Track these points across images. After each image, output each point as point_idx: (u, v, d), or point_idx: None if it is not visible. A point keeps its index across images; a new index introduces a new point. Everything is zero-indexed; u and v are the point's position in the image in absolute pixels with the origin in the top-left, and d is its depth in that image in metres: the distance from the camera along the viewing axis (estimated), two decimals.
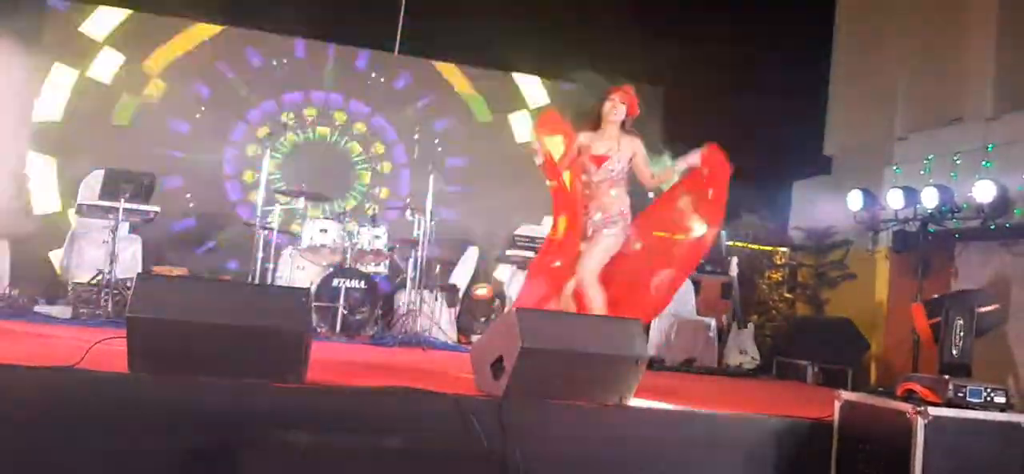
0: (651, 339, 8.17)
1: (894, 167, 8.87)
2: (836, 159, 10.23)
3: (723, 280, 9.09)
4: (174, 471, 3.27)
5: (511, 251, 9.04)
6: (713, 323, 8.49)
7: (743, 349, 8.38)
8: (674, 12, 9.98)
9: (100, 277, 6.91)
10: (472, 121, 10.79)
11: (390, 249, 8.10)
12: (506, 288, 9.01)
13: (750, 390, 6.40)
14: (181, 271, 8.36)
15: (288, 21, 9.79)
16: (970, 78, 8.49)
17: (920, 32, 9.24)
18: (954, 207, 7.74)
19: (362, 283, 7.48)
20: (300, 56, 10.35)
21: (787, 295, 10.25)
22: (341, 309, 7.32)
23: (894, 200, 8.20)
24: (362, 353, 6.12)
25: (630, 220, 5.37)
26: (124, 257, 7.30)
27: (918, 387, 3.66)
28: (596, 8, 10.07)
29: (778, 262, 10.36)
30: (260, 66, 10.15)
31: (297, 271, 7.87)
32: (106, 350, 3.68)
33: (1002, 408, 3.67)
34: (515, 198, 10.59)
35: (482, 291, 8.88)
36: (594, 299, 5.11)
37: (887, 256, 8.83)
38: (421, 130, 10.24)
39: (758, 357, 8.40)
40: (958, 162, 7.95)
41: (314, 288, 7.25)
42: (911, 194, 8.08)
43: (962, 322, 3.78)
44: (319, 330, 7.08)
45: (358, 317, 7.40)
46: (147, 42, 9.69)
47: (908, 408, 3.48)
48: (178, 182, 9.52)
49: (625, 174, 5.44)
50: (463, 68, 10.81)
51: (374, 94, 10.48)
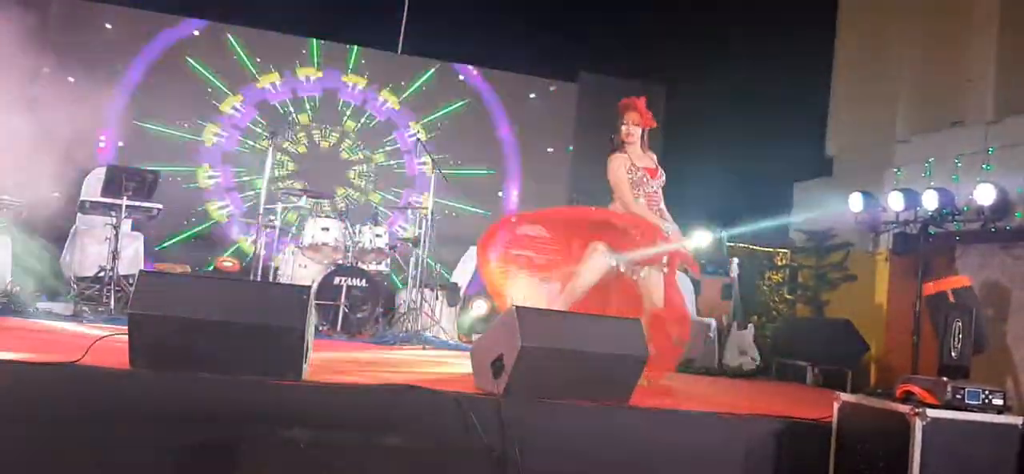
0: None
1: (895, 169, 8.88)
2: (837, 161, 10.24)
3: (724, 281, 9.10)
4: (175, 467, 3.29)
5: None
6: (713, 324, 8.49)
7: (743, 350, 8.39)
8: (676, 13, 10.00)
9: (102, 274, 6.93)
10: (473, 120, 10.80)
11: (391, 248, 8.12)
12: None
13: (750, 391, 6.41)
14: (183, 268, 8.38)
15: (293, 20, 9.82)
16: (971, 81, 8.50)
17: (922, 35, 9.25)
18: (955, 210, 7.75)
19: (363, 281, 7.50)
20: (302, 53, 10.36)
21: (787, 296, 10.26)
22: (342, 307, 7.33)
23: (895, 202, 8.20)
24: (363, 351, 6.14)
25: None
26: (126, 254, 7.32)
27: (917, 389, 3.67)
28: (598, 8, 10.09)
29: (779, 263, 10.37)
30: (263, 64, 10.18)
31: (299, 269, 7.88)
32: (108, 347, 3.69)
33: (1000, 410, 3.68)
34: (514, 198, 10.64)
35: (480, 309, 8.83)
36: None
37: (887, 258, 8.84)
38: (423, 130, 10.26)
39: (758, 358, 8.40)
40: (959, 165, 7.96)
41: (315, 286, 7.26)
42: (912, 196, 8.08)
43: (961, 324, 3.79)
44: (321, 328, 7.09)
45: (359, 315, 7.42)
46: None
47: (906, 410, 3.49)
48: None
49: None
50: (464, 67, 10.83)
51: (376, 94, 10.49)
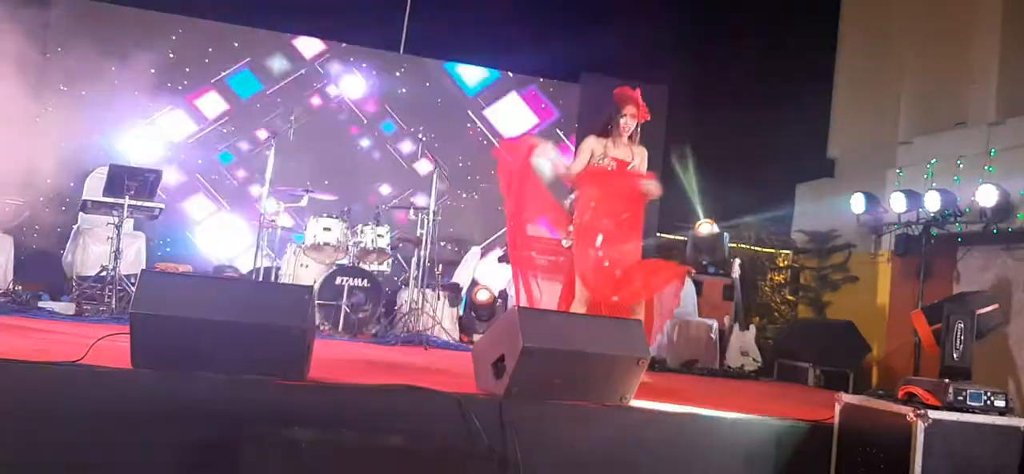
0: (655, 340, 8.17)
1: (897, 170, 8.87)
2: (839, 162, 10.24)
3: (725, 282, 9.09)
4: (176, 467, 3.29)
5: (518, 251, 9.02)
6: (715, 324, 8.49)
7: (745, 351, 8.38)
8: (678, 14, 10.00)
9: (104, 273, 6.93)
10: (473, 120, 10.80)
11: (393, 248, 8.12)
12: (508, 288, 9.01)
13: (751, 391, 6.40)
14: (185, 268, 8.39)
15: (293, 20, 9.82)
16: (973, 83, 8.49)
17: (924, 36, 9.25)
18: (957, 211, 7.74)
19: (365, 281, 7.51)
20: (304, 55, 10.36)
21: (789, 297, 10.26)
22: (344, 307, 7.34)
23: (897, 204, 8.20)
24: (364, 351, 6.14)
25: None
26: (128, 253, 7.32)
27: (919, 390, 3.66)
28: (599, 9, 10.08)
29: (780, 264, 10.37)
30: (265, 64, 10.18)
31: (301, 269, 7.89)
32: (109, 346, 3.70)
33: (1002, 411, 3.68)
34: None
35: (483, 296, 8.87)
36: None
37: (889, 259, 8.84)
38: (423, 130, 10.27)
39: (760, 359, 8.40)
40: (961, 166, 7.96)
41: (317, 286, 7.26)
42: (914, 198, 8.08)
43: (963, 326, 3.78)
44: (322, 328, 7.10)
45: (361, 315, 7.42)
46: None
47: (908, 411, 3.49)
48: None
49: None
50: (466, 68, 10.83)
51: (378, 94, 10.49)
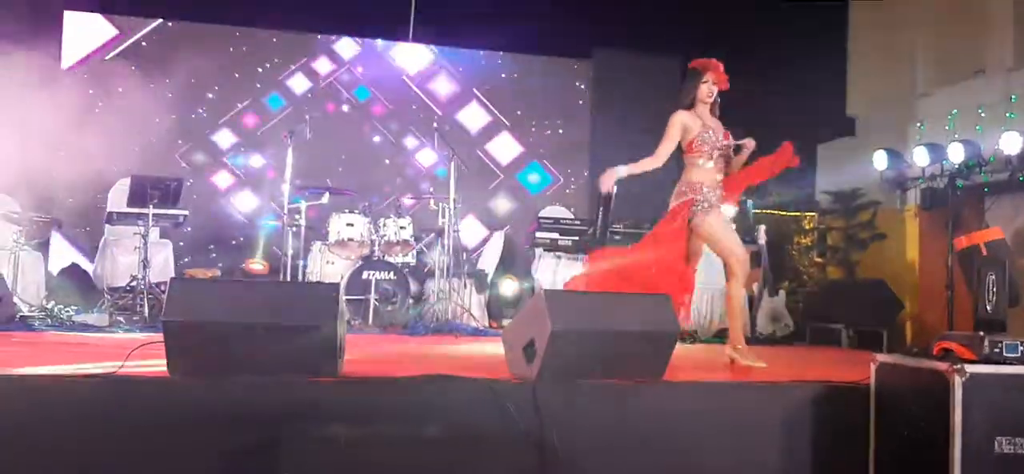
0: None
1: (918, 124, 8.79)
2: (859, 120, 10.14)
3: (752, 249, 9.04)
4: (218, 470, 3.33)
5: (538, 234, 9.05)
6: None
7: (776, 316, 8.35)
8: None
9: (134, 283, 7.01)
10: (493, 106, 10.79)
11: (417, 239, 8.15)
12: (533, 271, 9.02)
13: (785, 357, 6.38)
14: (213, 273, 8.46)
15: (304, 15, 9.85)
16: (991, 29, 8.37)
17: None
18: (981, 160, 7.66)
19: (391, 274, 7.54)
20: (319, 49, 10.39)
21: (817, 259, 10.19)
22: (372, 301, 7.38)
23: (920, 157, 8.13)
24: (395, 343, 6.17)
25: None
26: (156, 262, 7.40)
27: (954, 345, 3.63)
28: None
29: (807, 227, 10.30)
30: (279, 61, 10.22)
31: (327, 266, 7.95)
32: (145, 355, 3.74)
33: None
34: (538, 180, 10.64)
35: (509, 289, 8.84)
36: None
37: (916, 214, 8.76)
38: (441, 118, 10.27)
39: (791, 324, 8.36)
40: (983, 115, 7.86)
41: (344, 282, 7.31)
42: (937, 150, 8.00)
43: (994, 277, 3.74)
44: (352, 323, 7.14)
45: (389, 308, 7.46)
46: None
47: (945, 367, 3.46)
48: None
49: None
50: (477, 52, 10.80)
51: (392, 84, 10.51)
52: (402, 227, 7.96)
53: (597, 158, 10.56)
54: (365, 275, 7.47)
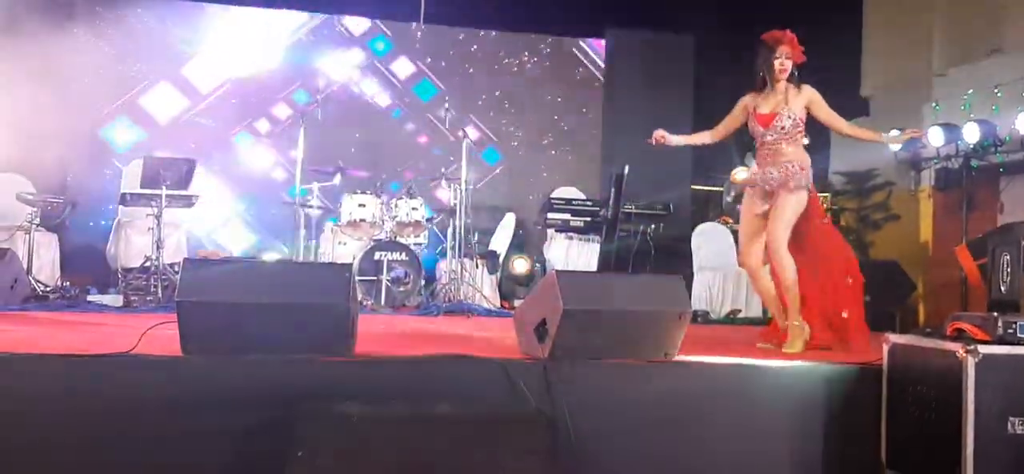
0: (695, 293, 8.16)
1: (933, 104, 8.72)
2: (874, 100, 10.06)
3: None
4: (232, 449, 3.36)
5: (550, 215, 9.04)
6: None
7: None
8: None
9: (148, 264, 7.05)
10: (501, 86, 10.75)
11: (429, 219, 8.16)
12: (545, 251, 9.03)
13: None
14: (224, 253, 8.50)
15: None
16: (1007, 8, 8.29)
17: None
18: (997, 141, 7.61)
19: (404, 255, 7.56)
20: (330, 29, 10.37)
21: None
22: (385, 281, 7.40)
23: (935, 137, 8.07)
24: (408, 323, 6.19)
25: (811, 176, 5.08)
26: (170, 242, 7.43)
27: (967, 326, 3.62)
28: None
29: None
30: (289, 41, 10.21)
31: (339, 246, 7.97)
32: (159, 335, 3.76)
33: None
34: (549, 161, 10.61)
35: (521, 267, 8.86)
36: (786, 267, 4.91)
37: (930, 195, 8.71)
38: (452, 99, 10.24)
39: None
40: (999, 95, 7.79)
41: (356, 262, 7.33)
42: (952, 130, 7.95)
43: (1009, 258, 3.72)
44: (365, 303, 7.17)
45: (402, 288, 7.49)
46: None
47: (958, 348, 3.45)
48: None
49: (801, 129, 5.06)
50: (489, 32, 10.76)
51: (406, 64, 10.49)
52: (414, 208, 7.98)
53: (609, 139, 10.52)
54: (377, 256, 7.49)
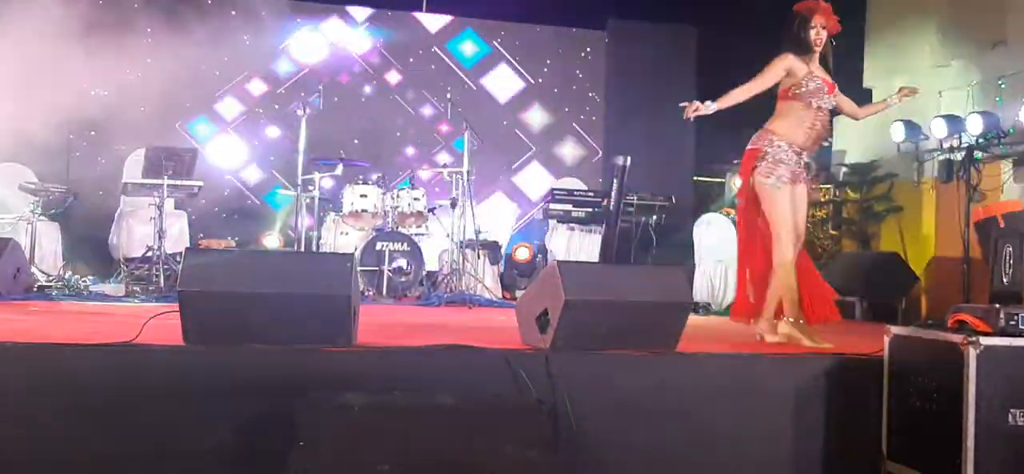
0: (697, 285, 8.16)
1: (937, 95, 8.69)
2: (876, 91, 10.03)
3: None
4: (232, 439, 3.36)
5: (552, 205, 9.04)
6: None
7: None
8: None
9: (150, 254, 7.06)
10: (504, 76, 10.73)
11: (430, 210, 8.16)
12: (547, 242, 9.03)
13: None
14: (227, 243, 8.50)
15: None
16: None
17: None
18: (1000, 132, 7.59)
19: (405, 245, 7.57)
20: (327, 18, 10.35)
21: (833, 232, 10.14)
22: (386, 272, 7.41)
23: (938, 129, 8.05)
24: (409, 314, 6.19)
25: None
26: (172, 232, 7.44)
27: (969, 318, 3.62)
28: None
29: (822, 199, 10.24)
30: (292, 29, 10.19)
31: (341, 237, 7.98)
32: (160, 325, 3.76)
33: None
34: (551, 151, 10.60)
35: (523, 254, 8.87)
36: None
37: (933, 187, 8.69)
38: (455, 88, 10.23)
39: None
40: (1003, 86, 7.77)
41: (358, 253, 7.34)
42: (955, 122, 7.93)
43: (1012, 250, 3.72)
44: (366, 293, 7.18)
45: (403, 279, 7.49)
46: None
47: (959, 339, 3.44)
48: None
49: None
50: (492, 22, 10.74)
51: (407, 54, 10.47)
52: (416, 198, 7.98)
53: (611, 129, 10.51)
54: (379, 246, 7.49)
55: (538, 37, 10.84)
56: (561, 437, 3.48)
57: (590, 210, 8.96)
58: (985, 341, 3.41)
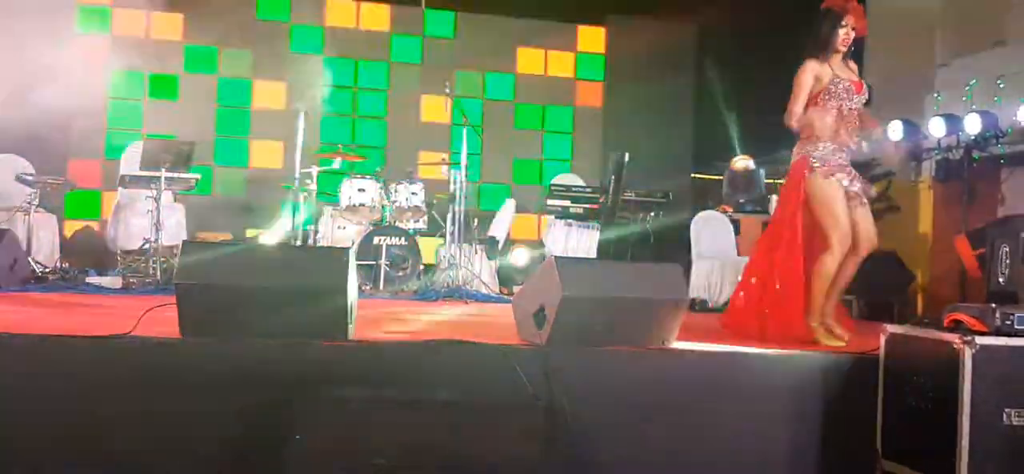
0: (694, 281, 8.16)
1: (935, 94, 8.69)
2: (875, 89, 9.96)
3: (763, 219, 9.01)
4: (229, 431, 3.36)
5: (550, 201, 9.03)
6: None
7: None
8: None
9: (147, 246, 7.05)
10: (504, 71, 10.72)
11: (429, 205, 8.15)
12: (545, 237, 9.02)
13: None
14: (224, 236, 8.49)
15: None
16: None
17: None
18: (999, 132, 7.59)
19: (403, 240, 7.56)
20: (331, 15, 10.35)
21: None
22: (383, 266, 7.40)
23: (936, 128, 8.05)
24: (407, 308, 6.19)
25: None
26: (169, 225, 7.42)
27: (965, 317, 3.62)
28: None
29: None
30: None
31: (338, 231, 7.97)
32: (157, 317, 3.76)
33: None
34: (550, 147, 10.60)
35: (520, 260, 8.84)
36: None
37: (931, 186, 8.69)
38: (453, 83, 10.20)
39: None
40: (1002, 86, 7.77)
41: (355, 247, 7.33)
42: (954, 121, 7.93)
43: (1008, 249, 3.72)
44: (363, 287, 7.17)
45: (400, 273, 7.48)
46: None
47: (955, 338, 3.45)
48: None
49: None
50: (490, 16, 10.72)
51: (404, 49, 10.46)
52: (413, 193, 7.97)
53: (610, 125, 10.51)
54: (376, 240, 7.49)
55: (539, 31, 10.82)
56: (557, 432, 3.48)
57: (588, 206, 8.95)
58: (981, 341, 3.41)
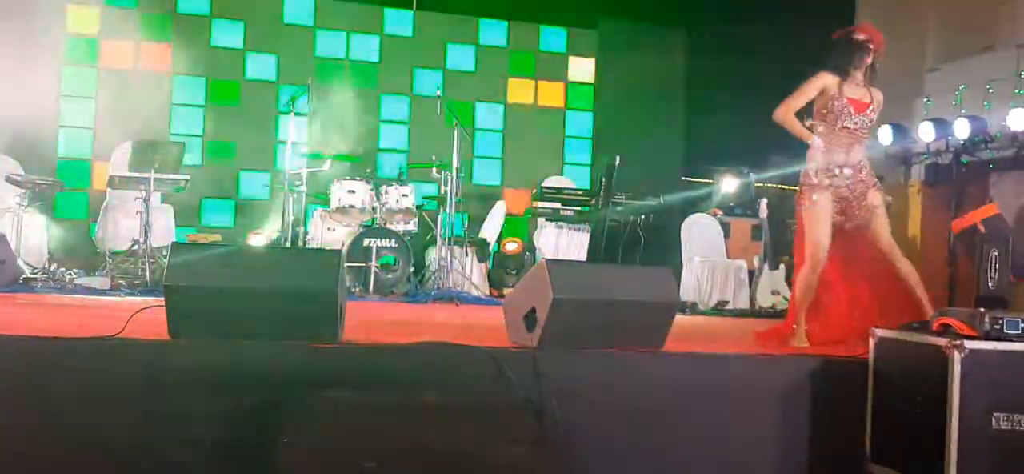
0: (684, 284, 8.18)
1: (925, 99, 8.73)
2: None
3: (753, 222, 9.04)
4: (217, 433, 3.35)
5: (541, 203, 9.04)
6: (744, 265, 8.46)
7: (775, 290, 8.34)
8: None
9: (136, 247, 7.02)
10: (494, 74, 10.71)
11: (419, 207, 8.14)
12: (535, 240, 9.02)
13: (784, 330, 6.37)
14: (214, 237, 8.46)
15: None
16: (1001, 4, 8.30)
17: None
18: (987, 137, 7.63)
19: (393, 242, 7.54)
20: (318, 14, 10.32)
21: None
22: (373, 268, 7.38)
23: (925, 133, 8.09)
24: (396, 311, 6.18)
25: None
26: (158, 226, 7.40)
27: (954, 321, 3.63)
28: None
29: None
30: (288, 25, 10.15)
31: (328, 232, 7.95)
32: (146, 319, 3.74)
33: None
34: (539, 150, 10.59)
35: (512, 246, 8.89)
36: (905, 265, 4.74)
37: (920, 190, 8.73)
38: (445, 85, 10.20)
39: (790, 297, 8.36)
40: (991, 91, 7.81)
41: (346, 249, 7.31)
42: (943, 126, 7.96)
43: (998, 254, 3.74)
44: (353, 290, 7.15)
45: (391, 275, 7.47)
46: None
47: (944, 342, 3.46)
48: None
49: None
50: (485, 20, 10.71)
51: (396, 50, 10.44)
52: (404, 195, 7.96)
53: (600, 128, 10.51)
54: (366, 242, 7.47)
55: (529, 35, 10.82)
56: (547, 435, 3.47)
57: (579, 209, 8.96)
58: (970, 345, 3.42)
